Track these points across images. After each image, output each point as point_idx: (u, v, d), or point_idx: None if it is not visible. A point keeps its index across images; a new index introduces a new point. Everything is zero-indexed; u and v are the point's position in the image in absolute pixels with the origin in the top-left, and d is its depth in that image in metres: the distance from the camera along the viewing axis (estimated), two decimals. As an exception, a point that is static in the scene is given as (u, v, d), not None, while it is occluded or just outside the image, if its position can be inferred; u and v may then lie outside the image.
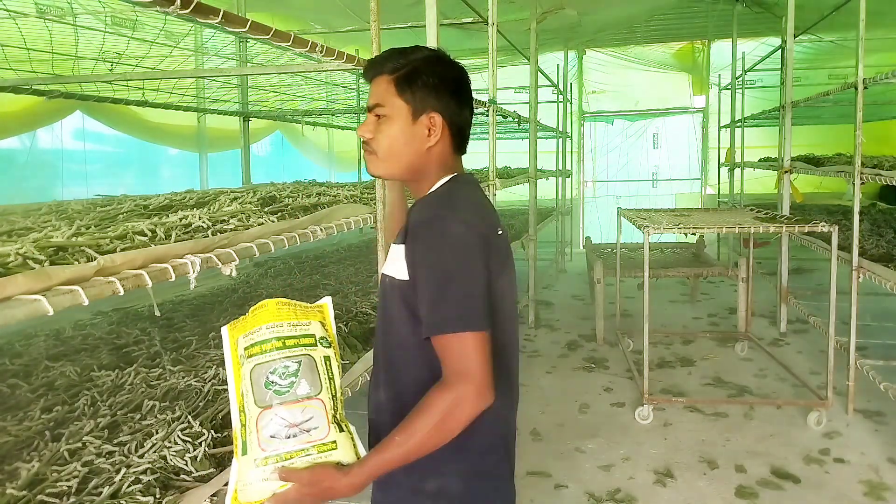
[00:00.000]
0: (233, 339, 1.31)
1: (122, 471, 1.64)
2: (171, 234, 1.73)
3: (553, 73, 8.02)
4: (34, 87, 3.34)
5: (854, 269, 3.99)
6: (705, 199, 10.44)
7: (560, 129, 8.44)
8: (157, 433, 1.87)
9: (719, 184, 9.26)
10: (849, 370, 3.98)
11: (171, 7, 1.55)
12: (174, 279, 1.52)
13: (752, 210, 5.05)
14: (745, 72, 7.95)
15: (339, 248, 5.91)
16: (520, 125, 5.76)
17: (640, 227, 4.11)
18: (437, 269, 1.25)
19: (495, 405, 1.25)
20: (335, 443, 1.25)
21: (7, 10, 3.20)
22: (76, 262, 1.37)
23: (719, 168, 9.14)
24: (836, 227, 3.78)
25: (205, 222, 1.91)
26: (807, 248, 5.34)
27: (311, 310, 1.35)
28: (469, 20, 4.30)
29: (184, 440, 1.82)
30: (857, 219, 3.97)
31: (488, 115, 4.15)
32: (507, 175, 6.33)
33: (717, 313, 6.52)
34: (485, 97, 4.07)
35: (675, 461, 3.46)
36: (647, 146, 11.00)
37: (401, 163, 1.38)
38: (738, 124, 8.07)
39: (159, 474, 1.64)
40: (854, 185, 4.05)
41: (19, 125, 4.52)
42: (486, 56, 4.16)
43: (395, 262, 1.33)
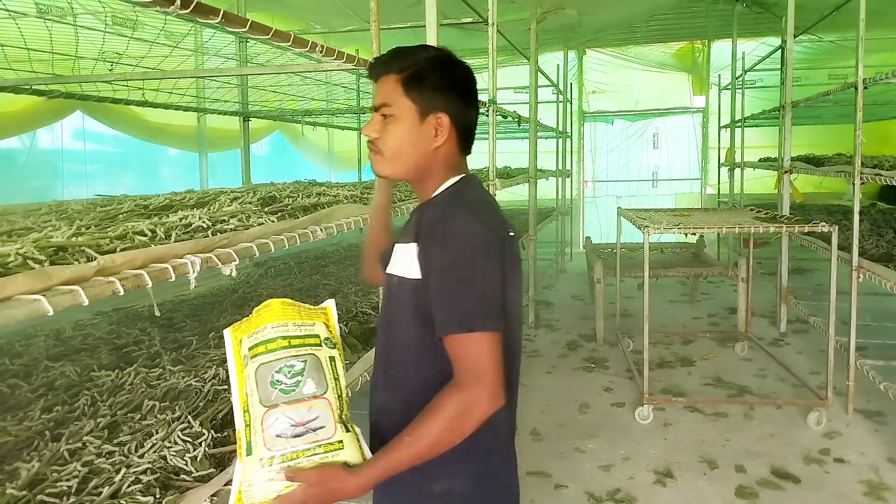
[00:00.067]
0: (236, 340, 1.30)
1: (122, 471, 1.64)
2: (171, 234, 1.73)
3: (553, 73, 8.02)
4: (34, 87, 3.34)
5: (854, 269, 3.99)
6: (705, 199, 10.44)
7: (560, 129, 8.44)
8: (157, 433, 1.87)
9: (719, 184, 9.25)
10: (849, 370, 3.98)
11: (171, 7, 1.55)
12: (174, 279, 1.52)
13: (752, 210, 5.05)
14: (745, 72, 7.95)
15: (339, 248, 5.91)
16: (520, 125, 5.76)
17: (640, 227, 4.11)
18: (453, 269, 1.24)
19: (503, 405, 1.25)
20: (341, 443, 1.22)
21: (7, 10, 3.20)
22: (76, 262, 1.37)
23: (719, 168, 9.14)
24: (836, 227, 3.78)
25: (205, 222, 1.92)
26: (807, 248, 5.34)
27: (315, 311, 1.34)
28: (469, 20, 4.30)
29: (184, 440, 1.81)
30: (857, 219, 3.97)
31: (488, 115, 4.15)
32: (507, 175, 6.34)
33: (717, 313, 6.52)
34: (485, 97, 4.06)
35: (675, 461, 3.46)
36: (647, 146, 11.00)
37: (407, 163, 1.37)
38: (738, 124, 8.07)
39: (159, 474, 1.64)
40: (854, 185, 4.05)
41: (19, 125, 4.52)
42: (486, 56, 4.16)
43: (404, 262, 1.32)
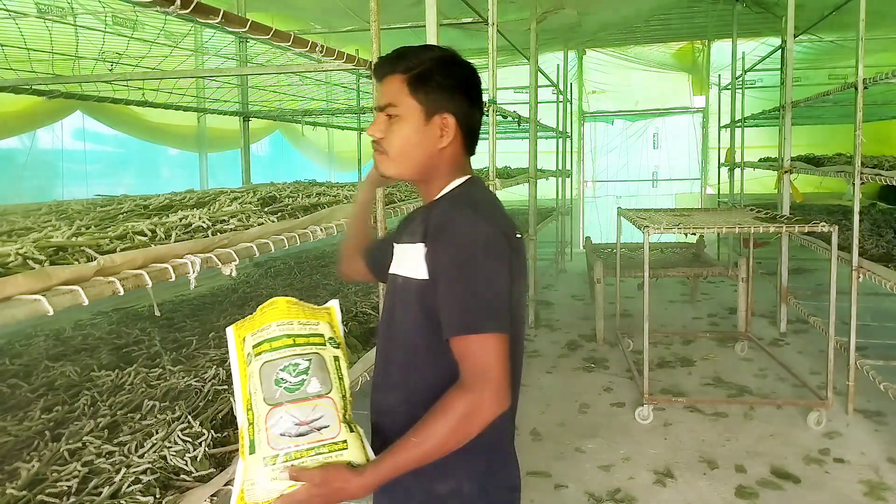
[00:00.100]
0: (239, 337, 1.29)
1: (122, 471, 1.64)
2: (171, 234, 1.74)
3: (553, 73, 8.01)
4: (34, 87, 3.34)
5: (854, 269, 3.99)
6: (705, 199, 10.44)
7: (560, 129, 8.44)
8: (157, 433, 1.87)
9: (719, 184, 9.25)
10: (849, 370, 3.98)
11: (171, 7, 1.55)
12: (174, 279, 1.52)
13: (752, 210, 5.05)
14: (745, 72, 7.95)
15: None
16: (520, 125, 5.76)
17: (640, 227, 4.11)
18: (462, 270, 1.23)
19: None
20: (346, 442, 1.21)
21: (7, 10, 3.20)
22: (76, 262, 1.37)
23: (719, 168, 9.14)
24: (836, 227, 3.78)
25: (205, 222, 1.92)
26: (807, 248, 5.34)
27: (320, 311, 1.34)
28: (469, 20, 4.30)
29: (184, 440, 1.82)
30: (857, 219, 3.97)
31: (488, 115, 4.15)
32: (507, 175, 6.34)
33: (717, 313, 6.52)
34: (485, 97, 4.05)
35: (675, 461, 3.46)
36: (647, 146, 11.00)
37: (413, 163, 1.37)
38: (738, 124, 8.07)
39: (159, 474, 1.64)
40: (854, 185, 4.05)
41: (19, 125, 4.51)
42: (486, 56, 4.16)
43: (411, 262, 1.32)
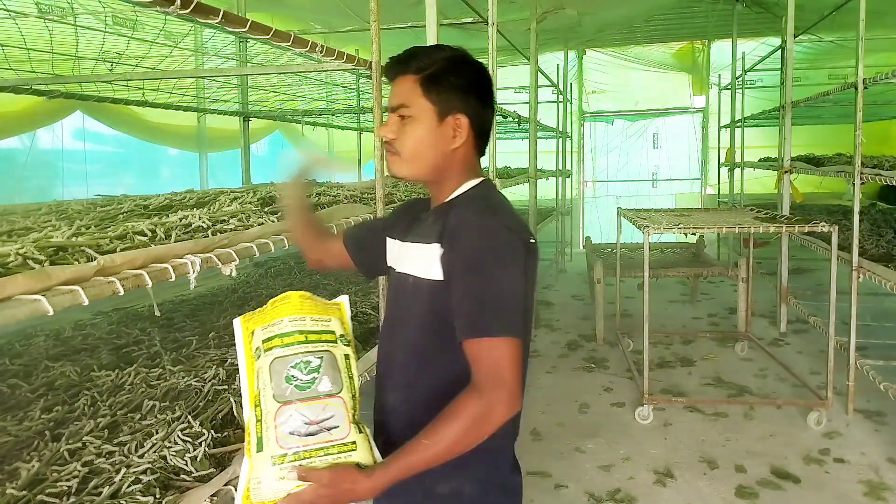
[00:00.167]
0: (247, 331, 1.27)
1: (122, 471, 1.63)
2: (171, 234, 1.74)
3: (553, 73, 8.02)
4: (34, 87, 3.33)
5: (854, 269, 3.99)
6: (705, 199, 10.44)
7: (560, 129, 8.44)
8: (157, 433, 1.86)
9: (719, 184, 9.25)
10: (849, 370, 3.98)
11: (171, 7, 1.55)
12: (174, 279, 1.52)
13: (752, 210, 5.05)
14: (745, 72, 7.95)
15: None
16: (520, 125, 5.76)
17: (640, 227, 4.11)
18: (480, 273, 1.23)
19: None
20: (355, 444, 1.20)
21: (7, 10, 3.20)
22: (76, 262, 1.37)
23: (719, 168, 9.14)
24: (836, 227, 3.78)
25: (205, 222, 1.92)
26: (807, 248, 5.34)
27: (331, 307, 1.32)
28: (469, 20, 4.30)
29: (184, 440, 1.81)
30: (857, 219, 3.97)
31: (489, 115, 4.15)
32: (507, 175, 6.34)
33: (717, 313, 6.52)
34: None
35: (675, 461, 3.46)
36: (647, 146, 11.00)
37: (425, 164, 1.37)
38: (738, 124, 8.07)
39: (159, 474, 1.64)
40: (854, 185, 4.05)
41: (19, 125, 4.51)
42: (486, 56, 4.16)
43: (423, 262, 1.32)
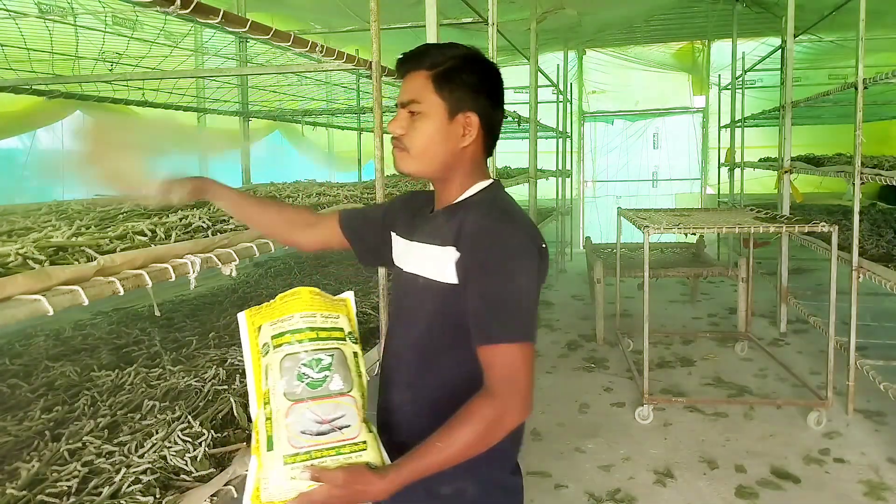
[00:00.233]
0: (253, 325, 1.25)
1: (122, 471, 1.63)
2: (171, 234, 1.74)
3: (553, 73, 8.01)
4: (34, 87, 3.33)
5: (854, 269, 3.99)
6: (705, 199, 10.44)
7: (560, 129, 8.44)
8: (157, 433, 1.86)
9: (719, 184, 9.25)
10: (849, 370, 3.98)
11: (171, 7, 1.55)
12: (174, 279, 1.52)
13: (752, 210, 5.05)
14: (745, 72, 7.95)
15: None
16: (520, 125, 5.76)
17: (640, 227, 4.11)
18: (497, 279, 1.24)
19: None
20: (365, 443, 1.19)
21: (7, 10, 3.20)
22: (76, 262, 1.37)
23: (719, 168, 9.14)
24: (836, 227, 3.78)
25: (205, 222, 1.92)
26: (807, 248, 5.34)
27: (338, 303, 1.31)
28: (469, 20, 4.29)
29: (184, 440, 1.81)
30: (857, 219, 3.97)
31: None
32: (507, 175, 6.34)
33: (717, 313, 6.52)
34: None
35: (675, 461, 3.46)
36: (647, 146, 11.00)
37: (434, 161, 1.36)
38: (738, 124, 8.07)
39: (159, 474, 1.64)
40: (854, 185, 4.05)
41: (19, 125, 4.51)
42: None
43: (436, 264, 1.31)
